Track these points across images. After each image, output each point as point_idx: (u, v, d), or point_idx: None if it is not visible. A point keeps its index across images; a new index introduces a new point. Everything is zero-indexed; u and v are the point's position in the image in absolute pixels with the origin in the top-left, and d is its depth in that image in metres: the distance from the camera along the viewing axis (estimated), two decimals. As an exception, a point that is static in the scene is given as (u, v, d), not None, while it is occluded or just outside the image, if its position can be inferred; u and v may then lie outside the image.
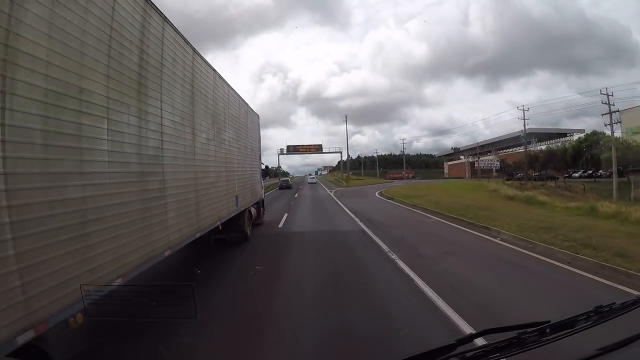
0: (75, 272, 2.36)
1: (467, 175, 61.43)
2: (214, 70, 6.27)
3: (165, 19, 4.08)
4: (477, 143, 61.11)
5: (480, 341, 1.18)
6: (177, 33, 4.49)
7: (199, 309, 1.92)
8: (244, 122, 8.83)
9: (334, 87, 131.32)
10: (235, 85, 7.85)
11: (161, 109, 3.90)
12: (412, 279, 5.29)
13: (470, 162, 62.83)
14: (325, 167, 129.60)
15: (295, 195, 26.79)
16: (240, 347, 3.40)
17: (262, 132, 12.79)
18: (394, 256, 6.73)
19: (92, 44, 2.63)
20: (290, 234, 9.95)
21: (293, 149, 60.22)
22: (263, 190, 12.05)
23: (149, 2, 3.68)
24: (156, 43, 3.83)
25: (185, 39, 4.78)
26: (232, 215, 7.21)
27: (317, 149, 61.35)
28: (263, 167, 12.15)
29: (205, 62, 5.76)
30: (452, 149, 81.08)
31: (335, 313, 4.16)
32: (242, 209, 8.13)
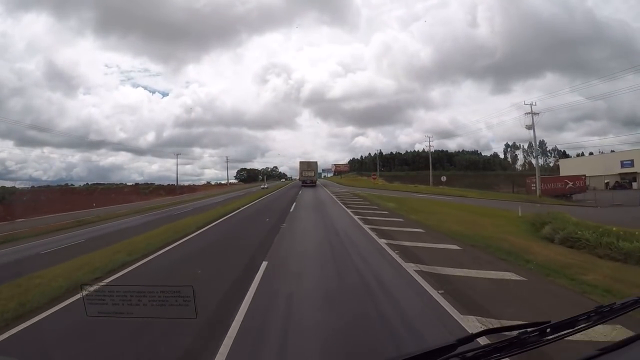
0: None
1: None
2: (316, 162, 39.58)
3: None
4: None
5: (480, 341, 1.22)
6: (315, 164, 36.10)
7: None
8: (316, 166, 40.36)
9: (338, 89, 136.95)
10: (237, 85, 37.66)
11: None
12: None
13: None
14: (335, 166, 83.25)
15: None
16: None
17: (265, 134, 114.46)
18: None
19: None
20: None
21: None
22: (317, 179, 51.98)
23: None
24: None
25: (316, 162, 38.56)
26: (311, 180, 47.08)
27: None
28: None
29: (315, 162, 39.56)
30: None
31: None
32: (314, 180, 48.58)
